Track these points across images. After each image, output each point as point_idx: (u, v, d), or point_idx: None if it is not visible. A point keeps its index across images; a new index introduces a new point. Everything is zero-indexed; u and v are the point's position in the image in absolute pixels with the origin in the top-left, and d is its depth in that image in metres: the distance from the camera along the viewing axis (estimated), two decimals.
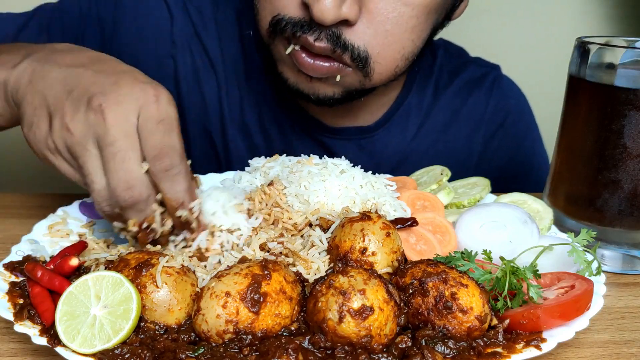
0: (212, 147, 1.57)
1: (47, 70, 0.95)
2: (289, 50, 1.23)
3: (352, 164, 1.18)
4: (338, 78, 1.25)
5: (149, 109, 0.89)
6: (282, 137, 1.55)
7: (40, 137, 0.92)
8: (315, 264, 0.93)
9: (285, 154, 1.23)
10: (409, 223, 1.04)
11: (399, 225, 1.02)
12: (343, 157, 1.20)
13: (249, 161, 1.24)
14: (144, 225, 0.92)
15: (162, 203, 0.93)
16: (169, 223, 0.94)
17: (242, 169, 1.25)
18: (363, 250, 0.93)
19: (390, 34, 1.22)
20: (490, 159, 1.68)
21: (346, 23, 1.18)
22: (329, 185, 1.08)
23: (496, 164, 1.69)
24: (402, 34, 1.24)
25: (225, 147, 1.55)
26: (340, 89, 1.30)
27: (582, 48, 1.17)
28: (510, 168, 1.70)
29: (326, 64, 1.22)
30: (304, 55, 1.22)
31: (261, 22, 1.28)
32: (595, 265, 0.98)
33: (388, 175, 1.25)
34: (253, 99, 1.52)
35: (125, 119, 0.88)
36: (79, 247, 0.99)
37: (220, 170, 1.51)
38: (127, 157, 0.88)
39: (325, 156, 1.19)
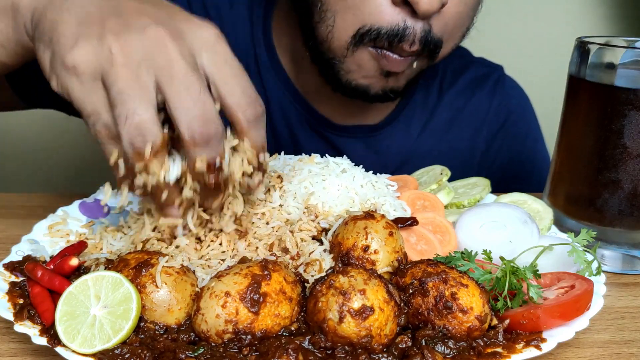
0: None
1: None
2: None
3: (353, 163, 1.18)
4: (415, 64, 1.29)
5: (217, 49, 0.82)
6: (289, 134, 1.56)
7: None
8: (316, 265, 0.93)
9: (283, 152, 1.23)
10: (409, 222, 1.04)
11: (399, 225, 1.03)
12: (345, 156, 1.20)
13: None
14: (216, 164, 0.83)
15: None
16: (245, 166, 0.87)
17: None
18: (365, 248, 0.93)
19: (460, 15, 1.26)
20: (493, 158, 1.69)
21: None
22: (329, 184, 1.08)
23: (499, 164, 1.69)
24: (468, 12, 1.28)
25: None
26: (405, 80, 1.34)
27: (582, 48, 1.16)
28: (512, 167, 1.71)
29: (410, 57, 1.27)
30: (390, 54, 1.25)
31: (339, 34, 1.26)
32: (595, 265, 0.98)
33: (389, 175, 1.25)
34: (262, 96, 1.53)
35: (190, 54, 0.80)
36: (79, 247, 0.99)
37: None
38: (202, 90, 0.80)
39: (327, 155, 1.20)
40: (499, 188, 1.34)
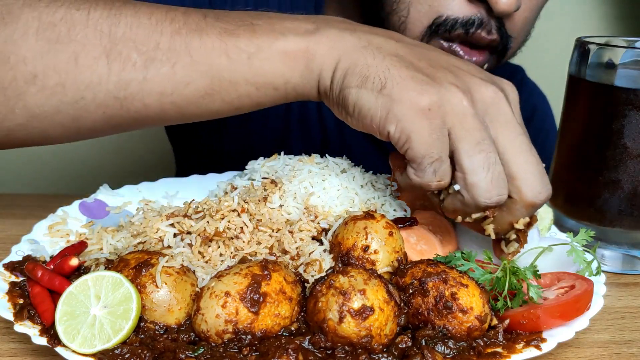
0: (275, 140, 1.57)
1: (379, 41, 0.91)
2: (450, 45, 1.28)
3: (353, 164, 1.17)
4: (486, 66, 1.30)
5: (513, 122, 0.88)
6: (337, 131, 1.56)
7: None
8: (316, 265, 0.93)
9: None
10: (409, 222, 1.04)
11: (399, 225, 1.02)
12: (345, 156, 1.19)
13: (247, 165, 1.22)
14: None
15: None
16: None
17: None
18: (365, 248, 0.93)
19: (528, 21, 1.29)
20: None
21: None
22: (329, 184, 1.08)
23: None
24: (534, 18, 1.32)
25: (286, 139, 1.56)
26: None
27: (582, 48, 1.16)
28: None
29: (481, 57, 1.29)
30: (461, 51, 1.27)
31: (412, 25, 1.27)
32: (595, 265, 0.98)
33: (388, 175, 1.25)
34: None
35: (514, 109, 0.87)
36: (79, 247, 0.99)
37: None
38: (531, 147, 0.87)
39: (327, 155, 1.19)
40: None
